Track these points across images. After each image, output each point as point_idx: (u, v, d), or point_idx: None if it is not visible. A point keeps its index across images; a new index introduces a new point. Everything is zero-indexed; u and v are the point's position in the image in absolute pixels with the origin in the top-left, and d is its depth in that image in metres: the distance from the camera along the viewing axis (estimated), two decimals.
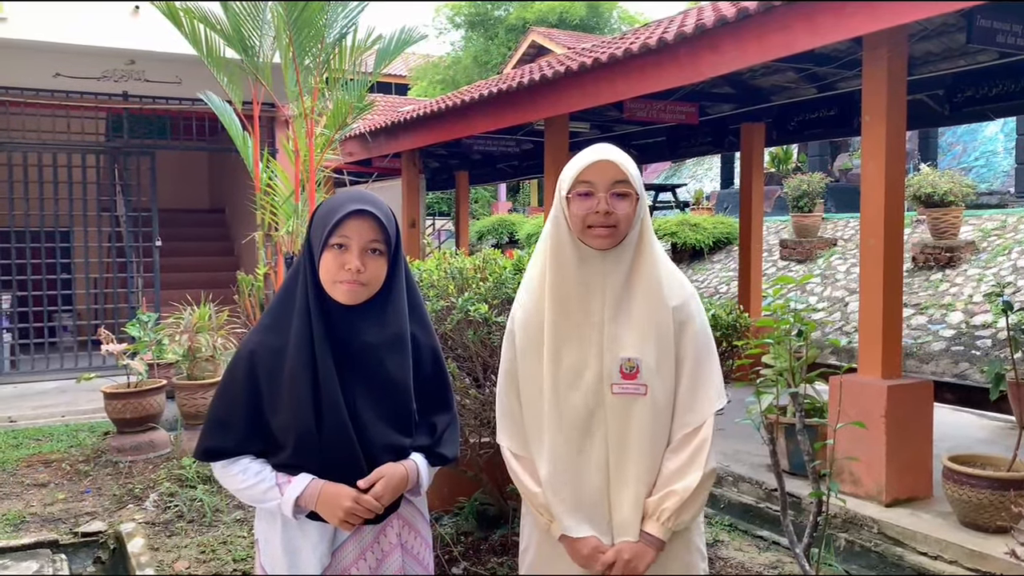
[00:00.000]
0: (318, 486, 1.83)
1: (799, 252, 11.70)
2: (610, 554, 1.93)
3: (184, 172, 13.37)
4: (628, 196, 1.93)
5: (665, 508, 1.93)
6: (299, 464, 1.85)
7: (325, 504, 1.82)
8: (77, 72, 9.30)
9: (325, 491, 1.83)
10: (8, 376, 9.27)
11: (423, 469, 1.96)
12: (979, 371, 7.34)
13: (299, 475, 1.84)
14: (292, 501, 1.82)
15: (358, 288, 1.84)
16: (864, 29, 4.39)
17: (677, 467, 1.95)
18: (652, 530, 1.94)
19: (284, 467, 1.86)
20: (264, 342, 1.86)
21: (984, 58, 6.26)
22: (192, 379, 6.43)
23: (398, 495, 1.90)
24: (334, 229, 1.80)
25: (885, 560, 4.19)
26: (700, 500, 1.97)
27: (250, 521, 4.58)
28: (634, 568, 1.91)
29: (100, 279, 10.23)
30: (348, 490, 1.83)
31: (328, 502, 1.82)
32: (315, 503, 1.83)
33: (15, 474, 5.71)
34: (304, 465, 1.84)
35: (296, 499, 1.82)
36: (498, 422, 2.12)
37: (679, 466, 1.95)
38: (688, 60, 5.49)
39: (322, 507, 1.83)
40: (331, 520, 1.84)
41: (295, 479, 1.84)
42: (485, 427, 3.57)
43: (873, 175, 4.66)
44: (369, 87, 6.71)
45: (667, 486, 1.94)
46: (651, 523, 1.94)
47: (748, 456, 5.39)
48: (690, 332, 2.00)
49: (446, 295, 3.51)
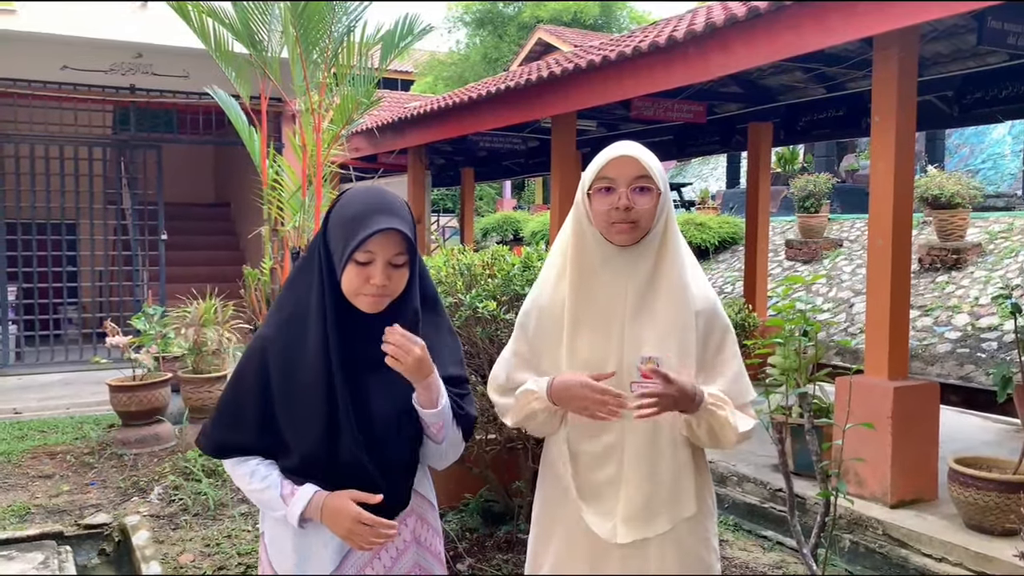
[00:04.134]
0: (320, 500, 1.79)
1: (805, 253, 11.67)
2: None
3: (190, 166, 13.38)
4: (650, 191, 1.92)
5: (718, 394, 1.94)
6: (306, 468, 1.82)
7: (329, 520, 1.79)
8: (85, 65, 9.31)
9: (327, 505, 1.79)
10: (13, 368, 9.29)
11: (444, 394, 1.86)
12: (984, 373, 7.32)
13: (304, 486, 1.81)
14: (297, 516, 1.79)
15: (382, 300, 1.80)
16: (875, 29, 4.37)
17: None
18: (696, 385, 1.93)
19: (291, 472, 1.84)
20: (276, 338, 1.83)
21: (994, 60, 6.24)
22: (197, 373, 6.44)
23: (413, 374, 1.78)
24: (359, 246, 1.73)
25: (890, 561, 4.18)
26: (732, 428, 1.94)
27: (255, 515, 4.58)
28: (669, 385, 1.85)
29: (105, 272, 10.25)
30: (350, 509, 1.77)
31: (331, 518, 1.79)
32: (319, 516, 1.79)
33: (20, 465, 5.73)
34: (312, 466, 1.81)
35: (300, 513, 1.79)
36: (491, 380, 2.12)
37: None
38: (698, 59, 5.47)
39: (327, 521, 1.80)
40: (336, 534, 1.80)
41: (299, 491, 1.80)
42: (491, 424, 3.57)
43: (882, 176, 4.65)
44: (376, 83, 6.69)
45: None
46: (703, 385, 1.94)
47: (752, 456, 5.38)
48: (718, 334, 2.00)
49: (454, 291, 3.51)
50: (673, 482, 1.98)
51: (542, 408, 1.98)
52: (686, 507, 1.99)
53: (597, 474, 1.99)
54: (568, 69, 6.56)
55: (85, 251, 9.92)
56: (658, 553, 1.98)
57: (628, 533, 1.96)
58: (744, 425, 1.96)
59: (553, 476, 2.08)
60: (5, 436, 6.49)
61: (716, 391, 1.96)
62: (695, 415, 1.92)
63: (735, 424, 1.94)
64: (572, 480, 2.01)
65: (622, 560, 1.97)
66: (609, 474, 1.98)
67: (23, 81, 9.20)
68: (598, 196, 1.94)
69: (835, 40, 4.64)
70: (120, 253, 10.33)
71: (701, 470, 2.06)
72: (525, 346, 2.07)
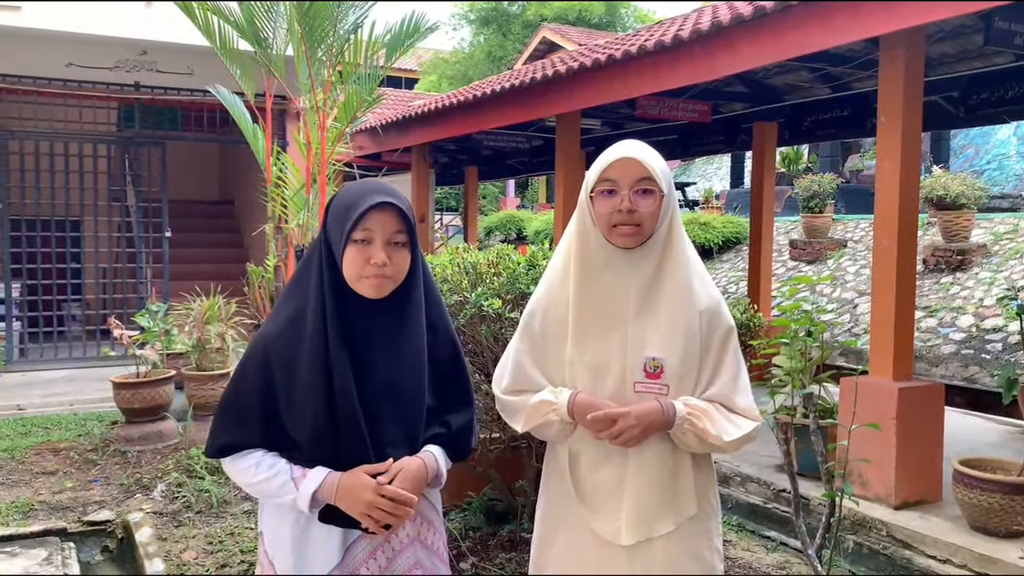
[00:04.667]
0: (335, 479, 1.77)
1: (809, 253, 11.66)
2: (617, 412, 1.89)
3: (194, 163, 13.39)
4: (653, 193, 1.91)
5: (699, 405, 1.93)
6: (312, 458, 1.80)
7: (344, 497, 1.76)
8: (89, 62, 9.31)
9: (343, 483, 1.77)
10: (17, 364, 9.30)
11: (441, 460, 1.92)
12: (989, 375, 7.30)
13: (315, 468, 1.79)
14: (309, 495, 1.76)
15: (384, 281, 1.80)
16: (881, 29, 4.36)
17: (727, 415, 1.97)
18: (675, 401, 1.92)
19: (297, 461, 1.82)
20: (278, 335, 1.82)
21: (1001, 60, 6.22)
22: (201, 370, 6.45)
23: (419, 489, 1.84)
24: (356, 223, 1.75)
25: (893, 563, 4.17)
26: (715, 438, 1.91)
27: (257, 513, 4.58)
28: (626, 418, 1.87)
29: (109, 269, 10.26)
30: (368, 481, 1.76)
31: (347, 495, 1.76)
32: (333, 496, 1.77)
33: (24, 462, 5.73)
34: (318, 459, 1.80)
35: (313, 493, 1.76)
36: (496, 378, 2.12)
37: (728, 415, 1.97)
38: (703, 58, 5.46)
39: (342, 500, 1.77)
40: (352, 513, 1.77)
41: (311, 473, 1.78)
42: (495, 423, 3.57)
43: (887, 176, 4.64)
44: (380, 80, 6.69)
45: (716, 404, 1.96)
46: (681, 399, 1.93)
47: (756, 456, 5.37)
48: (721, 334, 1.99)
49: (459, 290, 3.50)
50: (676, 483, 1.98)
51: (559, 421, 1.98)
52: (689, 508, 1.99)
53: (600, 475, 1.99)
54: (573, 68, 6.55)
55: (89, 248, 9.92)
56: (662, 553, 1.97)
57: (632, 534, 1.95)
58: (732, 433, 1.93)
59: (557, 476, 2.07)
60: (9, 432, 6.50)
61: (696, 401, 1.94)
62: (675, 431, 1.92)
63: (719, 434, 1.91)
64: (576, 481, 2.01)
65: (627, 561, 1.97)
66: (612, 475, 1.97)
67: (28, 78, 9.22)
68: (601, 198, 1.93)
69: (841, 40, 4.63)
70: (124, 250, 10.34)
71: (704, 470, 2.05)
72: (529, 346, 2.07)
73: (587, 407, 1.92)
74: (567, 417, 1.96)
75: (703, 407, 1.93)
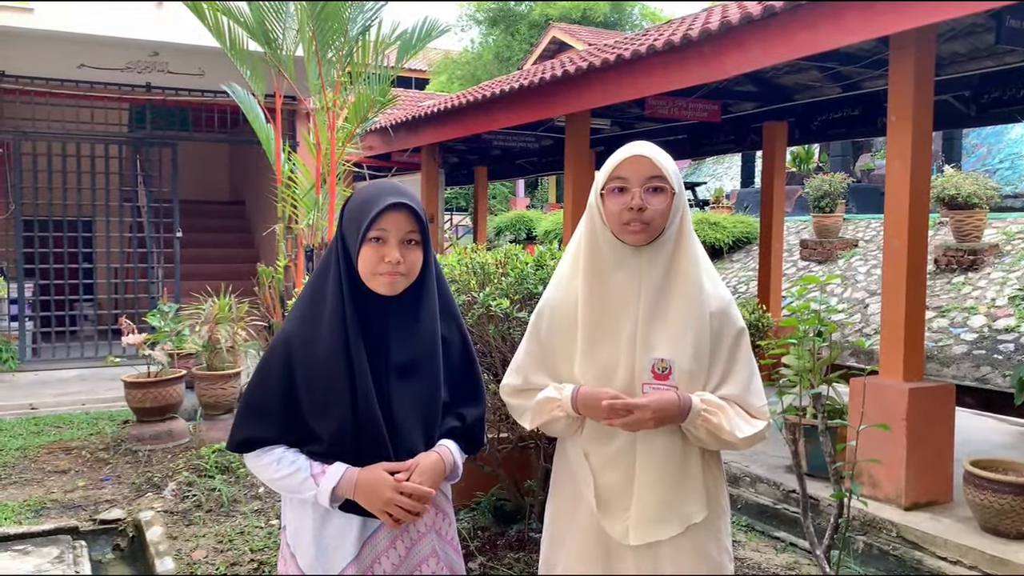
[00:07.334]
0: (354, 474, 1.82)
1: (819, 252, 11.62)
2: (635, 403, 1.88)
3: (205, 164, 13.44)
4: (663, 191, 1.91)
5: (714, 400, 1.93)
6: (333, 453, 1.85)
7: (363, 494, 1.81)
8: (101, 63, 9.37)
9: (362, 479, 1.82)
10: (30, 363, 9.37)
11: (456, 454, 1.96)
12: (1001, 375, 7.27)
13: (334, 464, 1.83)
14: (329, 491, 1.81)
15: (398, 279, 1.85)
16: (892, 28, 4.34)
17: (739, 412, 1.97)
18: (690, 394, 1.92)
19: (317, 456, 1.86)
20: (299, 332, 1.87)
21: (1012, 59, 6.18)
22: (212, 370, 6.47)
23: (437, 484, 1.89)
24: (372, 223, 1.81)
25: (904, 564, 4.15)
26: (729, 434, 1.91)
27: (267, 512, 4.61)
28: (643, 410, 1.87)
29: (121, 269, 10.31)
30: (386, 478, 1.81)
31: (366, 491, 1.81)
32: (352, 492, 1.82)
33: (36, 461, 5.77)
34: (338, 454, 1.84)
35: (332, 489, 1.81)
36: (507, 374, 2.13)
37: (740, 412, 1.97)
38: (713, 57, 5.45)
39: (360, 496, 1.82)
40: (371, 509, 1.83)
41: (330, 469, 1.83)
42: (504, 422, 3.57)
43: (898, 176, 4.62)
44: (391, 81, 6.71)
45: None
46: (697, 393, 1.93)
47: (765, 457, 5.36)
48: (732, 335, 1.99)
49: (467, 289, 3.50)
50: (685, 484, 1.98)
51: (564, 416, 1.99)
52: (698, 509, 1.98)
53: (609, 475, 1.99)
54: (583, 68, 6.55)
55: (101, 248, 9.99)
56: (671, 553, 1.97)
57: (640, 535, 1.95)
58: (746, 430, 1.94)
59: (566, 476, 2.08)
60: (21, 431, 6.55)
61: (712, 396, 1.94)
62: (688, 424, 1.92)
63: (732, 430, 1.91)
64: (585, 481, 2.01)
65: (635, 561, 1.97)
66: (621, 476, 1.98)
67: (40, 79, 9.28)
68: (611, 196, 1.94)
69: (851, 39, 4.61)
70: (135, 250, 10.39)
71: (714, 471, 2.05)
72: (538, 346, 2.08)
73: (590, 398, 1.92)
74: (572, 412, 1.96)
75: (719, 403, 1.93)
